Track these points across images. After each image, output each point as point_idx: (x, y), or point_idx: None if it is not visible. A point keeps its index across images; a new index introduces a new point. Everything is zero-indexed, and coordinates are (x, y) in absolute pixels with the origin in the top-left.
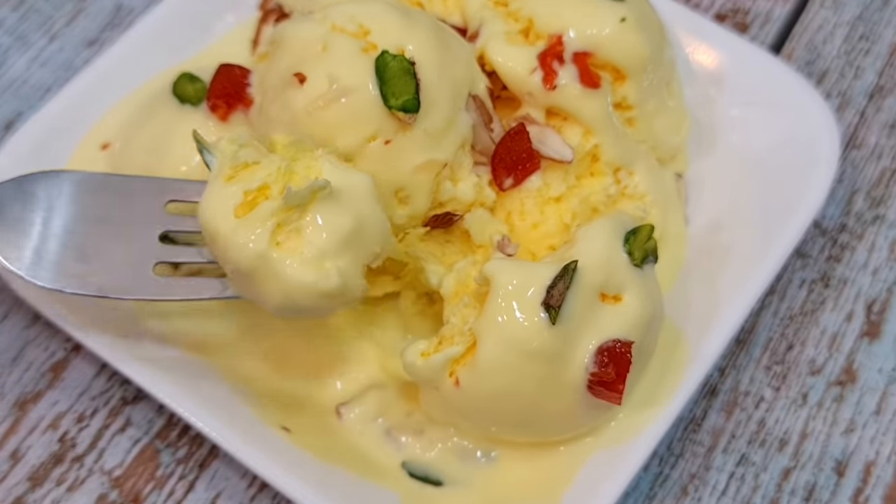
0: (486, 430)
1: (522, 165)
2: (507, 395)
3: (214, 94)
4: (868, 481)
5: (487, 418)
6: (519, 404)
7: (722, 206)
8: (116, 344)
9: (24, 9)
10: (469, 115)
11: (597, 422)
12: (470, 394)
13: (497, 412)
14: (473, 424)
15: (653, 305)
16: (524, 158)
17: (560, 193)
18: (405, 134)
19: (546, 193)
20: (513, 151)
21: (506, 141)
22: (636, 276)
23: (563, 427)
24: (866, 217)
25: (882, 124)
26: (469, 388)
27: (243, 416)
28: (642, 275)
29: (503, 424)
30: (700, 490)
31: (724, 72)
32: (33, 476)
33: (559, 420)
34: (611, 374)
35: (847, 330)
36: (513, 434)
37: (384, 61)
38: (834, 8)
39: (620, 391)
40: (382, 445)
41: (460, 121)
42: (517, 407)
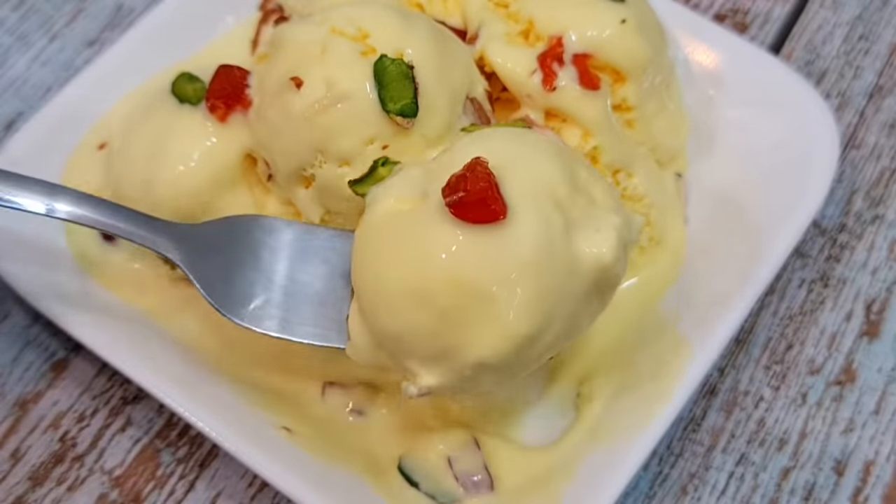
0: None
1: None
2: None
3: (213, 95)
4: (867, 481)
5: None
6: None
7: (721, 206)
8: (117, 344)
9: (25, 9)
10: (467, 118)
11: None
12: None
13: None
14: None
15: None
16: None
17: None
18: (403, 138)
19: None
20: None
21: None
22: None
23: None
24: (865, 217)
25: (881, 124)
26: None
27: (244, 416)
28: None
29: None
30: (700, 489)
31: (724, 72)
32: (34, 475)
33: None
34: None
35: (846, 330)
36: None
37: (383, 65)
38: (833, 8)
39: (489, 206)
40: (379, 444)
41: (459, 124)
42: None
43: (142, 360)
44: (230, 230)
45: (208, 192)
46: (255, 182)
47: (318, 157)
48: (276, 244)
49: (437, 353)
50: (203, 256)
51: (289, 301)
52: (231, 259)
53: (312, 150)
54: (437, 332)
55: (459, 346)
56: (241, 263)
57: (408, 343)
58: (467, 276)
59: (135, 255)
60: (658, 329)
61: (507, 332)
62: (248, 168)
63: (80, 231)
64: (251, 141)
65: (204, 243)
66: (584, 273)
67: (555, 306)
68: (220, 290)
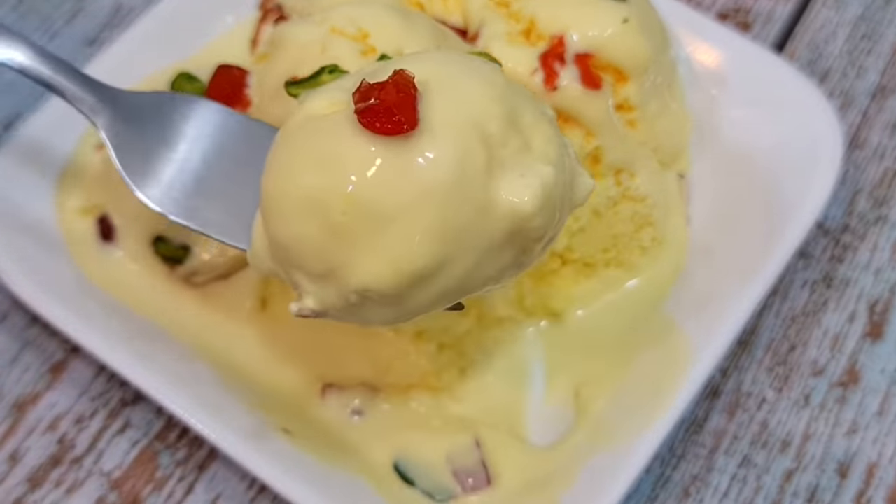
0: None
1: None
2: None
3: (213, 95)
4: (870, 483)
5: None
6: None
7: (724, 206)
8: (115, 345)
9: (24, 8)
10: None
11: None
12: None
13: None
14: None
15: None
16: None
17: None
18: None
19: None
20: None
21: None
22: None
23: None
24: (869, 217)
25: (885, 124)
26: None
27: (243, 418)
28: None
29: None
30: (702, 492)
31: (726, 71)
32: (32, 477)
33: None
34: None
35: (849, 331)
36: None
37: None
38: (836, 7)
39: (395, 115)
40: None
41: None
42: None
43: (140, 361)
44: (164, 105)
45: None
46: None
47: None
48: (206, 130)
49: (323, 271)
50: (127, 125)
51: (203, 191)
52: (156, 135)
53: None
54: (324, 247)
55: (345, 268)
56: (165, 142)
57: (296, 255)
58: (363, 193)
59: (134, 255)
60: (660, 330)
61: (396, 262)
62: None
63: (78, 232)
64: None
65: (132, 112)
66: (497, 218)
67: (455, 246)
68: (135, 163)
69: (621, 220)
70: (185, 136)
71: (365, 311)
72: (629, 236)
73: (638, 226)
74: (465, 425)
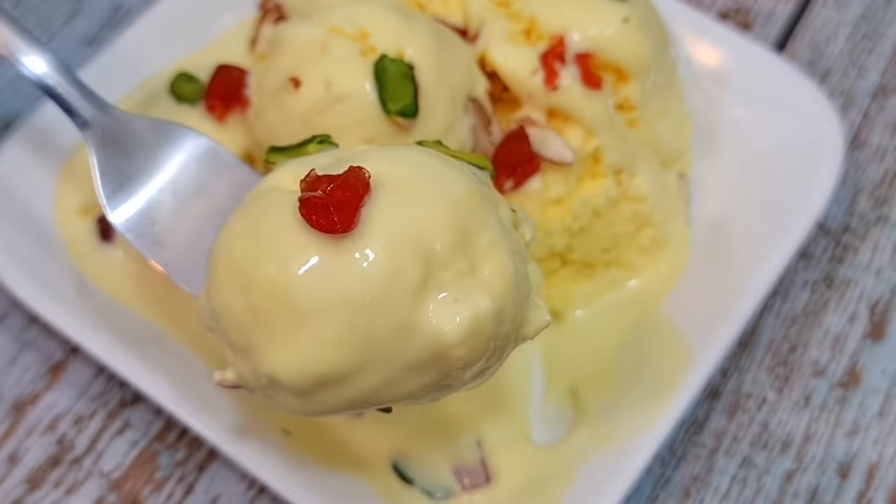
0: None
1: (522, 168)
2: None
3: (212, 95)
4: (871, 483)
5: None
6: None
7: (724, 206)
8: (115, 346)
9: (23, 8)
10: (468, 118)
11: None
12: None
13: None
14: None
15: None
16: (524, 161)
17: (560, 196)
18: (403, 139)
19: (546, 196)
20: (512, 154)
21: (505, 143)
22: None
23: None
24: (870, 217)
25: (885, 124)
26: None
27: (242, 418)
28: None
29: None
30: (702, 492)
31: (727, 71)
32: (31, 478)
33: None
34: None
35: (850, 331)
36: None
37: (383, 65)
38: (837, 7)
39: (331, 215)
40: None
41: (459, 125)
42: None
43: (140, 361)
44: (157, 133)
45: None
46: None
47: None
48: (191, 168)
49: (241, 346)
50: (117, 146)
51: (173, 228)
52: (142, 161)
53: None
54: (244, 325)
55: (259, 350)
56: (148, 170)
57: (223, 323)
58: (284, 283)
59: (133, 256)
60: (660, 330)
61: (303, 360)
62: None
63: (78, 232)
64: (250, 141)
65: (125, 134)
66: (417, 340)
67: (368, 358)
68: (114, 183)
69: (621, 220)
70: (169, 169)
71: (276, 396)
72: (629, 236)
73: (638, 226)
74: (466, 425)
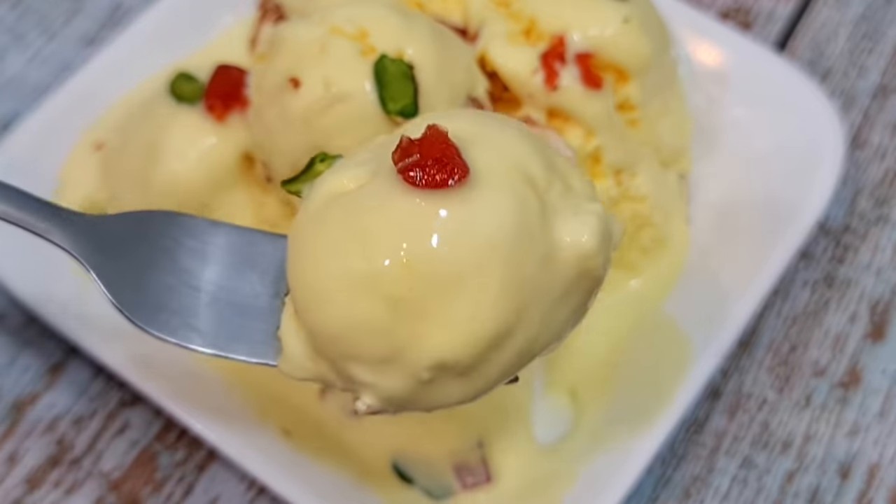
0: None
1: None
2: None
3: (211, 95)
4: (872, 484)
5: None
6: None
7: (725, 206)
8: (114, 346)
9: (22, 8)
10: None
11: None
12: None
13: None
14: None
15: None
16: None
17: None
18: None
19: None
20: None
21: None
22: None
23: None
24: (870, 217)
25: (886, 124)
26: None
27: (242, 418)
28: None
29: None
30: (703, 492)
31: (727, 71)
32: (31, 478)
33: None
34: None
35: (851, 331)
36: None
37: (383, 65)
38: (838, 7)
39: (447, 164)
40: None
41: None
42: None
43: (139, 362)
44: (143, 227)
45: (206, 193)
46: (253, 182)
47: None
48: (195, 246)
49: (387, 353)
50: (110, 253)
51: (210, 310)
52: (143, 260)
53: (311, 151)
54: (386, 326)
55: (413, 343)
56: (155, 266)
57: (352, 343)
58: (422, 257)
59: None
60: (661, 330)
61: (471, 325)
62: (247, 168)
63: None
64: (250, 141)
65: (112, 238)
66: (562, 262)
67: (528, 299)
68: (129, 294)
69: (622, 220)
70: (177, 258)
71: (434, 392)
72: (629, 237)
73: (638, 226)
74: (467, 424)
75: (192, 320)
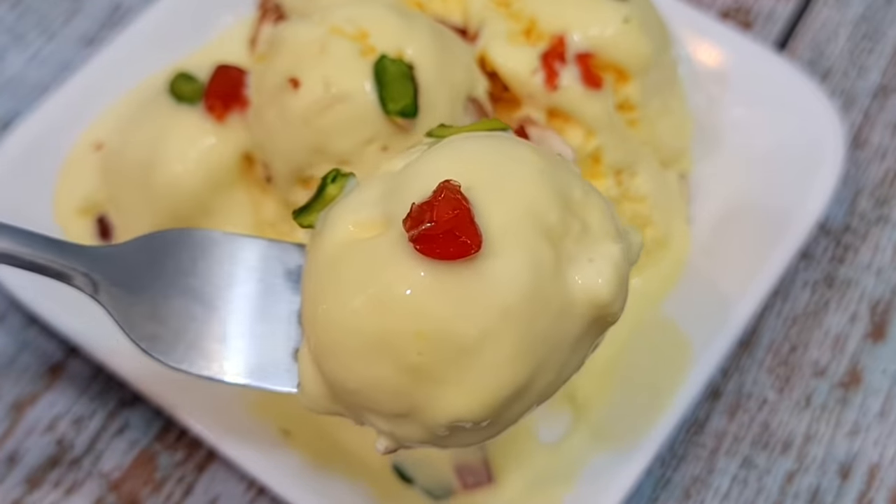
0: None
1: None
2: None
3: (211, 95)
4: (872, 484)
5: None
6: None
7: (725, 206)
8: (114, 346)
9: (22, 8)
10: (468, 118)
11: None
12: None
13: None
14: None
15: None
16: None
17: None
18: (403, 139)
19: None
20: None
21: None
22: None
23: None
24: (870, 217)
25: (886, 124)
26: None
27: (242, 419)
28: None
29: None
30: (703, 493)
31: (728, 71)
32: (31, 479)
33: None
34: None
35: (851, 331)
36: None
37: (383, 65)
38: (838, 6)
39: (459, 238)
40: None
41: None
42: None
43: (139, 362)
44: (156, 250)
45: (206, 193)
46: (253, 183)
47: (316, 158)
48: (210, 264)
49: (404, 410)
50: (125, 287)
51: (228, 334)
52: (159, 286)
53: (311, 152)
54: (401, 389)
55: (430, 405)
56: (171, 292)
57: (368, 399)
58: (437, 326)
59: None
60: (661, 331)
61: (486, 389)
62: (247, 169)
63: (77, 232)
64: (249, 141)
65: (125, 269)
66: (577, 314)
67: (544, 355)
68: (149, 329)
69: (622, 220)
70: (192, 279)
71: (452, 440)
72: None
73: (638, 226)
74: None
75: (209, 345)
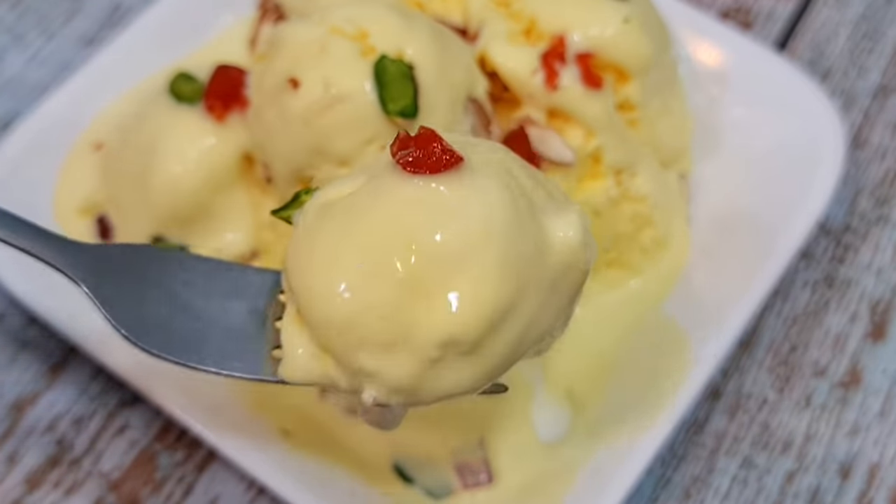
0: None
1: None
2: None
3: (211, 95)
4: (872, 484)
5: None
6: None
7: (725, 206)
8: (114, 346)
9: (22, 8)
10: (468, 118)
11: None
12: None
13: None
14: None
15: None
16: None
17: None
18: None
19: None
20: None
21: (505, 143)
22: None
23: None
24: (870, 217)
25: (886, 124)
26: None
27: (242, 418)
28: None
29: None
30: (703, 493)
31: (728, 71)
32: (30, 479)
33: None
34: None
35: (851, 331)
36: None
37: (383, 65)
38: (838, 6)
39: (444, 154)
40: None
41: (459, 125)
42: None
43: (139, 362)
44: (138, 258)
45: (206, 193)
46: (253, 183)
47: (316, 159)
48: (189, 278)
49: (395, 335)
50: (110, 280)
51: (208, 335)
52: (141, 288)
53: (311, 152)
54: (393, 306)
55: (421, 321)
56: (153, 295)
57: (359, 330)
58: (425, 234)
59: None
60: (661, 331)
61: (476, 299)
62: (246, 169)
63: (77, 232)
64: (249, 141)
65: (111, 266)
66: (552, 253)
67: (525, 278)
68: (131, 319)
69: (622, 220)
70: (173, 288)
71: (440, 376)
72: (630, 237)
73: (638, 226)
74: (468, 424)
75: (190, 341)
